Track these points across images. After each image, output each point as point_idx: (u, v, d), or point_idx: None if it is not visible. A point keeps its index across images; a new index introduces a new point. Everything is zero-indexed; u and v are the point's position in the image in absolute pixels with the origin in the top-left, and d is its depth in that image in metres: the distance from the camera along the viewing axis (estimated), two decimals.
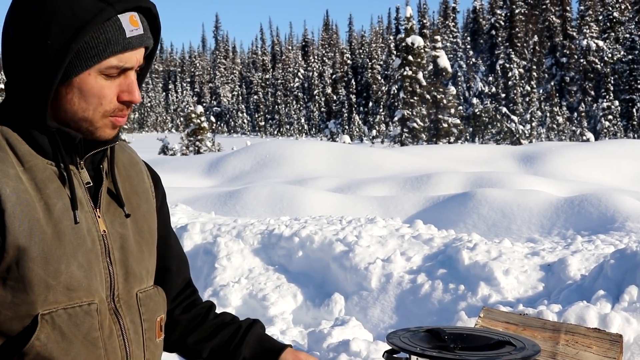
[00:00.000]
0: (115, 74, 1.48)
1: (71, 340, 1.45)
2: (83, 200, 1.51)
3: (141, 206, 1.67)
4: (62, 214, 1.45)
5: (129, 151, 1.73)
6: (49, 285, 1.42)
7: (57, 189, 1.46)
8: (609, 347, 4.24)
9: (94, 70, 1.46)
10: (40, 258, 1.41)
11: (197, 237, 8.23)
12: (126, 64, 1.47)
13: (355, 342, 4.98)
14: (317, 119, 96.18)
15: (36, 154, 1.47)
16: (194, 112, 42.39)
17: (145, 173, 1.74)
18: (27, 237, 1.39)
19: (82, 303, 1.47)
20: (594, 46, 67.76)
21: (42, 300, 1.41)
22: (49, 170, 1.47)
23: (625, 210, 9.71)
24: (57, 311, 1.43)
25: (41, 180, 1.45)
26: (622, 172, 18.01)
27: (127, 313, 1.57)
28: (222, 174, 18.92)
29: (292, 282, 7.58)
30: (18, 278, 1.39)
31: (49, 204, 1.44)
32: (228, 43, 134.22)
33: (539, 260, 7.17)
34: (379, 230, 8.08)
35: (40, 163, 1.46)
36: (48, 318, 1.42)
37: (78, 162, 1.53)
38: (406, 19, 43.95)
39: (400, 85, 43.06)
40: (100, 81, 1.47)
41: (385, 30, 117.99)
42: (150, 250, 1.67)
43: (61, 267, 1.43)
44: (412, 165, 18.04)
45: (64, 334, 1.44)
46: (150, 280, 1.67)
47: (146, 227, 1.67)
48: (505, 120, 46.24)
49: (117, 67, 1.47)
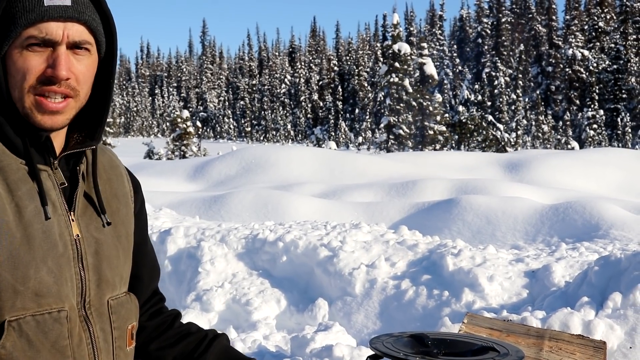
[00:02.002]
0: (39, 47, 1.40)
1: (38, 349, 1.39)
2: (57, 202, 1.46)
3: (120, 210, 1.62)
4: (33, 217, 1.40)
5: (109, 154, 1.68)
6: (16, 291, 1.36)
7: (29, 191, 1.41)
8: (592, 353, 4.23)
9: (18, 44, 1.40)
10: (7, 262, 1.35)
11: (180, 241, 8.18)
12: (48, 35, 1.39)
13: (338, 348, 4.94)
14: (304, 125, 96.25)
15: (9, 153, 1.42)
16: (180, 117, 42.27)
17: (125, 177, 1.69)
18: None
19: (51, 310, 1.41)
20: (579, 55, 68.26)
21: (9, 307, 1.36)
22: (21, 170, 1.42)
23: (609, 218, 9.74)
24: (24, 318, 1.38)
25: (13, 181, 1.39)
26: (606, 181, 18.10)
27: (97, 320, 1.51)
28: (208, 178, 18.86)
29: (276, 287, 7.54)
30: None
31: (20, 206, 1.39)
32: (215, 48, 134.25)
33: (523, 267, 7.17)
34: (364, 236, 8.05)
35: (13, 163, 1.41)
36: (15, 325, 1.37)
37: (52, 163, 1.48)
38: (393, 26, 44.09)
39: (387, 92, 43.16)
40: (25, 54, 1.40)
41: (372, 37, 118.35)
42: (126, 256, 1.63)
43: (30, 272, 1.37)
44: (398, 172, 18.05)
45: (31, 342, 1.38)
46: (124, 287, 1.62)
47: (124, 232, 1.62)
48: (491, 128, 46.41)
49: (37, 37, 1.39)
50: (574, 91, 68.24)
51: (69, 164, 1.53)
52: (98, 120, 1.55)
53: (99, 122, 1.55)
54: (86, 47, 1.45)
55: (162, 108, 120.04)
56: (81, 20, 1.43)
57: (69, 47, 1.43)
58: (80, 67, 1.44)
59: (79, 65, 1.44)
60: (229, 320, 7.05)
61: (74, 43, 1.43)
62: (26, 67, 1.40)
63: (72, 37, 1.42)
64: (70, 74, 1.42)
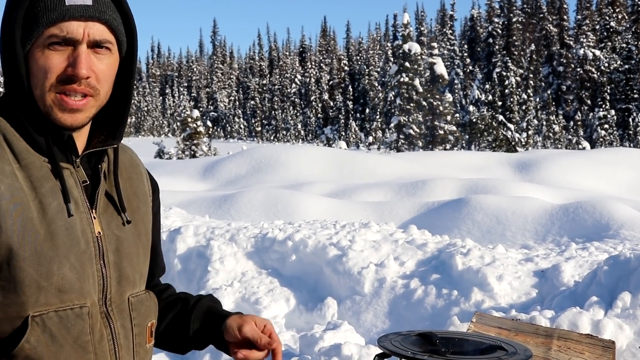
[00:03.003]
0: (60, 45, 1.42)
1: (61, 344, 1.41)
2: (79, 200, 1.48)
3: (140, 208, 1.64)
4: (56, 214, 1.42)
5: (130, 152, 1.70)
6: (40, 287, 1.38)
7: (52, 188, 1.43)
8: (601, 353, 4.22)
9: (40, 43, 1.42)
10: (32, 258, 1.37)
11: (190, 240, 8.20)
12: (69, 34, 1.41)
13: (346, 346, 4.95)
14: (314, 125, 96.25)
15: (33, 151, 1.44)
16: (190, 116, 42.33)
17: (145, 175, 1.72)
18: (20, 236, 1.36)
19: (73, 306, 1.43)
20: (590, 55, 67.98)
21: (33, 302, 1.38)
22: (44, 168, 1.44)
23: (619, 218, 9.71)
24: (48, 313, 1.40)
25: (37, 178, 1.42)
26: (617, 181, 18.02)
27: (118, 317, 1.53)
28: (218, 178, 18.89)
29: (285, 286, 7.55)
30: (9, 278, 1.36)
31: (43, 203, 1.41)
32: (225, 48, 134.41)
33: (532, 267, 7.15)
34: (373, 235, 8.05)
35: (37, 161, 1.43)
36: (39, 320, 1.39)
37: (74, 161, 1.50)
38: (403, 26, 44.03)
39: (397, 91, 43.10)
40: (47, 53, 1.42)
41: (383, 37, 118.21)
42: (145, 254, 1.65)
43: (53, 268, 1.40)
44: (408, 172, 18.04)
45: (54, 337, 1.40)
46: (143, 284, 1.64)
47: (143, 230, 1.64)
48: (501, 128, 46.28)
49: (58, 36, 1.41)
50: (585, 91, 67.98)
51: (90, 162, 1.55)
52: (119, 120, 1.58)
53: (120, 121, 1.58)
54: (107, 47, 1.47)
55: (173, 108, 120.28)
56: (102, 19, 1.44)
57: (90, 46, 1.44)
58: (100, 66, 1.46)
59: (99, 64, 1.46)
60: None
61: (95, 42, 1.45)
62: (47, 65, 1.42)
63: (93, 36, 1.44)
64: (90, 72, 1.43)
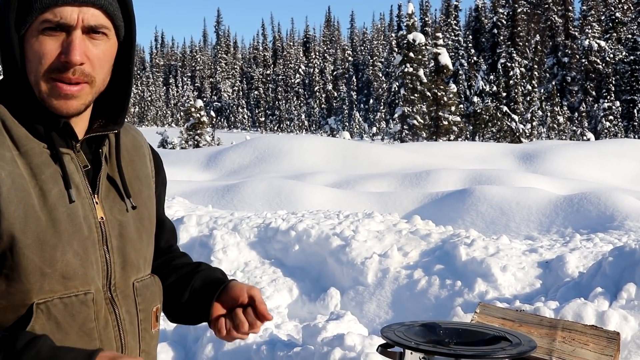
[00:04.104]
0: (54, 31, 1.40)
1: (67, 331, 1.41)
2: (80, 185, 1.47)
3: (142, 192, 1.63)
4: (58, 200, 1.41)
5: (133, 133, 1.68)
6: (44, 274, 1.37)
7: (53, 174, 1.42)
8: (606, 344, 4.20)
9: (34, 29, 1.40)
10: (35, 245, 1.36)
11: (193, 229, 8.18)
12: (62, 20, 1.39)
13: (349, 336, 4.92)
14: (318, 116, 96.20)
15: (32, 137, 1.42)
16: (194, 106, 42.30)
17: (148, 157, 1.70)
18: (22, 223, 1.35)
19: (78, 292, 1.43)
20: (595, 46, 67.75)
21: (37, 289, 1.37)
22: (44, 154, 1.42)
23: (624, 209, 9.66)
24: (52, 300, 1.39)
25: (37, 165, 1.40)
26: (622, 172, 17.96)
27: (123, 303, 1.53)
28: (221, 168, 18.87)
29: (288, 276, 7.53)
30: (12, 266, 1.35)
31: (44, 189, 1.39)
32: (229, 38, 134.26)
33: (536, 257, 7.13)
34: (376, 225, 8.03)
35: (37, 147, 1.42)
36: (43, 307, 1.38)
37: (74, 146, 1.48)
38: (408, 16, 43.90)
39: (401, 82, 43.02)
40: (41, 39, 1.40)
41: (387, 28, 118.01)
42: (149, 238, 1.63)
43: (56, 255, 1.39)
44: (411, 162, 17.99)
45: (60, 325, 1.40)
46: (148, 268, 1.64)
47: (146, 214, 1.63)
48: (505, 119, 46.18)
49: (52, 21, 1.39)
50: (590, 82, 67.77)
51: (91, 147, 1.53)
52: (120, 105, 1.56)
53: (121, 107, 1.56)
54: (103, 32, 1.44)
55: (176, 98, 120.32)
56: (97, 4, 1.42)
57: (85, 32, 1.42)
58: (96, 51, 1.43)
59: (94, 49, 1.43)
60: None
61: (90, 27, 1.42)
62: (41, 52, 1.40)
63: (88, 21, 1.41)
64: (84, 58, 1.41)
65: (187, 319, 1.77)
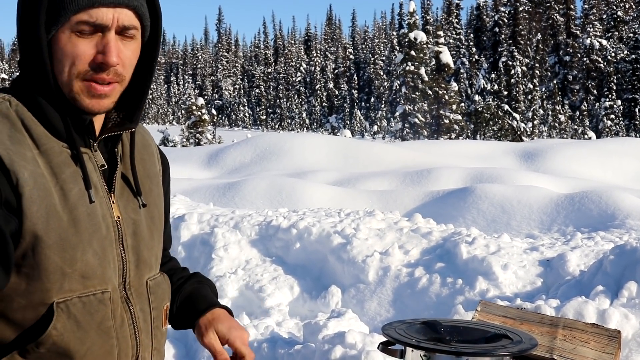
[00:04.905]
0: (88, 32, 1.40)
1: (86, 330, 1.42)
2: (98, 185, 1.47)
3: (153, 191, 1.64)
4: (78, 200, 1.41)
5: (142, 131, 1.69)
6: (64, 273, 1.38)
7: (72, 174, 1.42)
8: (607, 342, 4.20)
9: (67, 29, 1.39)
10: (56, 245, 1.37)
11: (194, 227, 8.18)
12: (98, 21, 1.39)
13: (350, 334, 4.92)
14: (319, 114, 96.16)
15: (51, 136, 1.42)
16: (195, 104, 42.29)
17: (156, 155, 1.71)
18: (44, 223, 1.35)
19: (95, 291, 1.44)
20: (597, 45, 67.68)
21: (57, 289, 1.38)
22: (64, 153, 1.42)
23: (625, 208, 9.65)
24: (72, 299, 1.40)
25: (57, 164, 1.40)
26: (623, 170, 17.95)
27: (137, 301, 1.54)
28: (222, 165, 18.87)
29: (289, 274, 7.53)
30: (33, 265, 1.36)
31: (64, 189, 1.40)
32: (231, 36, 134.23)
33: (537, 256, 7.12)
34: (378, 223, 8.02)
35: (56, 146, 1.42)
36: (63, 306, 1.39)
37: (92, 145, 1.49)
38: (409, 14, 43.87)
39: (403, 80, 43.00)
40: (74, 39, 1.40)
41: (389, 26, 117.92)
42: (159, 237, 1.65)
43: (77, 255, 1.40)
44: (413, 160, 17.98)
45: (79, 323, 1.41)
46: (158, 267, 1.65)
47: (157, 213, 1.64)
48: (507, 117, 46.15)
49: (87, 22, 1.39)
50: (592, 81, 67.71)
51: (107, 146, 1.54)
52: (136, 103, 1.56)
53: (137, 105, 1.56)
54: (133, 32, 1.46)
55: (178, 96, 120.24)
56: (130, 5, 1.43)
57: (117, 32, 1.43)
58: (127, 52, 1.45)
59: (125, 50, 1.45)
60: (242, 307, 7.06)
61: (123, 28, 1.43)
62: (75, 52, 1.40)
63: (122, 22, 1.42)
64: (119, 59, 1.42)
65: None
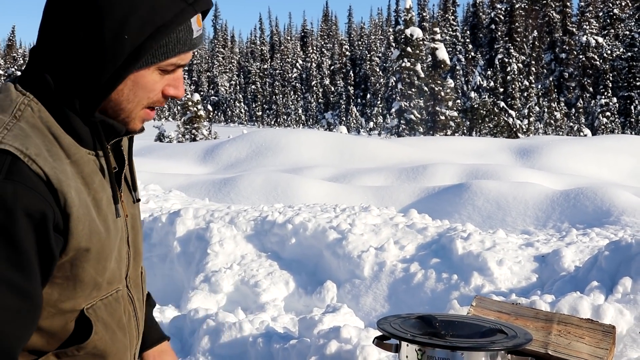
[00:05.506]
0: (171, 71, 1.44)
1: (113, 330, 1.44)
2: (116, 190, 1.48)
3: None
4: (107, 209, 1.42)
5: None
6: (97, 283, 1.40)
7: (100, 182, 1.42)
8: (601, 338, 4.20)
9: (155, 66, 1.40)
10: (95, 258, 1.37)
11: (190, 222, 8.17)
12: (182, 62, 1.43)
13: (345, 329, 4.92)
14: (315, 110, 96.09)
15: (79, 146, 1.40)
16: (190, 100, 42.19)
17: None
18: (87, 239, 1.34)
19: (112, 292, 1.46)
20: (593, 42, 67.73)
21: (86, 296, 1.39)
22: (92, 162, 1.41)
23: (621, 204, 9.67)
24: (96, 303, 1.41)
25: (88, 174, 1.39)
26: (618, 167, 17.98)
27: (135, 292, 1.56)
28: (218, 161, 18.85)
29: (285, 269, 7.52)
30: (69, 277, 1.35)
31: (96, 199, 1.39)
32: (227, 32, 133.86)
33: (533, 252, 7.13)
34: (373, 219, 8.02)
35: (85, 155, 1.40)
36: (91, 312, 1.40)
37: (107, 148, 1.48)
38: (406, 11, 43.83)
39: (399, 77, 42.99)
40: (155, 76, 1.41)
41: (385, 23, 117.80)
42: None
43: (107, 265, 1.41)
44: (408, 156, 17.99)
45: (106, 325, 1.43)
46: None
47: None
48: (503, 114, 46.17)
49: (176, 64, 1.43)
50: (588, 78, 67.76)
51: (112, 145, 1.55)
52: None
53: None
54: None
55: None
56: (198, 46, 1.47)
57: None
58: None
59: None
60: (237, 302, 7.06)
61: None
62: (154, 87, 1.42)
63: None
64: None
65: None
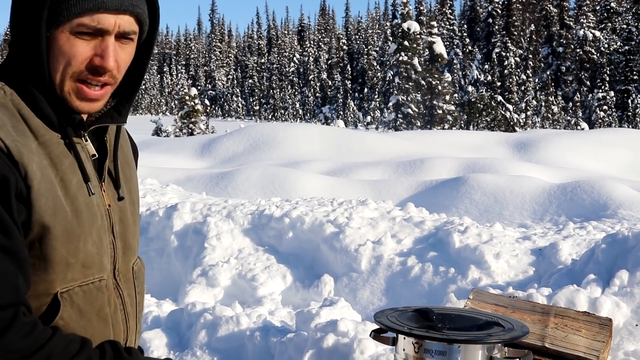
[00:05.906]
0: (88, 35, 1.40)
1: (88, 318, 1.44)
2: (91, 174, 1.49)
3: (132, 177, 1.66)
4: (77, 191, 1.43)
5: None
6: (68, 264, 1.40)
7: (71, 165, 1.43)
8: (598, 330, 4.20)
9: (67, 29, 1.39)
10: (62, 236, 1.38)
11: (187, 216, 8.17)
12: (99, 25, 1.39)
13: (343, 322, 4.92)
14: (312, 104, 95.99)
15: (47, 127, 1.42)
16: (188, 94, 42.14)
17: (128, 141, 1.72)
18: (52, 215, 1.36)
19: (94, 279, 1.46)
20: (590, 36, 67.71)
21: (61, 279, 1.39)
22: (61, 144, 1.43)
23: (617, 198, 9.69)
24: (73, 289, 1.42)
25: (56, 155, 1.41)
26: (615, 161, 18.00)
27: (124, 287, 1.56)
28: (215, 155, 18.84)
29: (282, 262, 7.52)
30: (40, 256, 1.36)
31: (65, 180, 1.41)
32: (224, 26, 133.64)
33: (530, 245, 7.13)
34: (370, 213, 8.02)
35: (54, 137, 1.42)
36: (66, 296, 1.41)
37: (83, 135, 1.49)
38: (403, 4, 43.79)
39: (396, 70, 42.96)
40: (73, 41, 1.40)
41: (382, 17, 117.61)
42: (138, 222, 1.67)
43: (80, 245, 1.41)
44: (406, 150, 18.00)
45: (82, 312, 1.43)
46: (138, 251, 1.67)
47: (136, 199, 1.66)
48: (500, 108, 46.17)
49: (88, 26, 1.39)
50: (585, 72, 67.76)
51: (94, 134, 1.55)
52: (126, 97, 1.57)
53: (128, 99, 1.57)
54: (132, 37, 1.46)
55: (171, 86, 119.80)
56: (133, 12, 1.43)
57: (116, 37, 1.43)
58: (123, 55, 1.45)
59: (122, 53, 1.45)
60: (234, 296, 7.06)
61: (123, 33, 1.43)
62: (72, 53, 1.40)
63: (123, 28, 1.42)
64: (115, 64, 1.43)
65: None
